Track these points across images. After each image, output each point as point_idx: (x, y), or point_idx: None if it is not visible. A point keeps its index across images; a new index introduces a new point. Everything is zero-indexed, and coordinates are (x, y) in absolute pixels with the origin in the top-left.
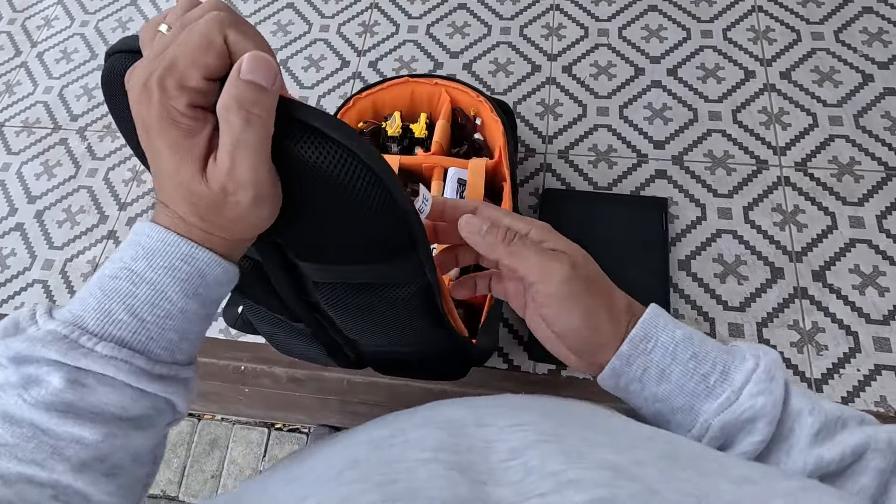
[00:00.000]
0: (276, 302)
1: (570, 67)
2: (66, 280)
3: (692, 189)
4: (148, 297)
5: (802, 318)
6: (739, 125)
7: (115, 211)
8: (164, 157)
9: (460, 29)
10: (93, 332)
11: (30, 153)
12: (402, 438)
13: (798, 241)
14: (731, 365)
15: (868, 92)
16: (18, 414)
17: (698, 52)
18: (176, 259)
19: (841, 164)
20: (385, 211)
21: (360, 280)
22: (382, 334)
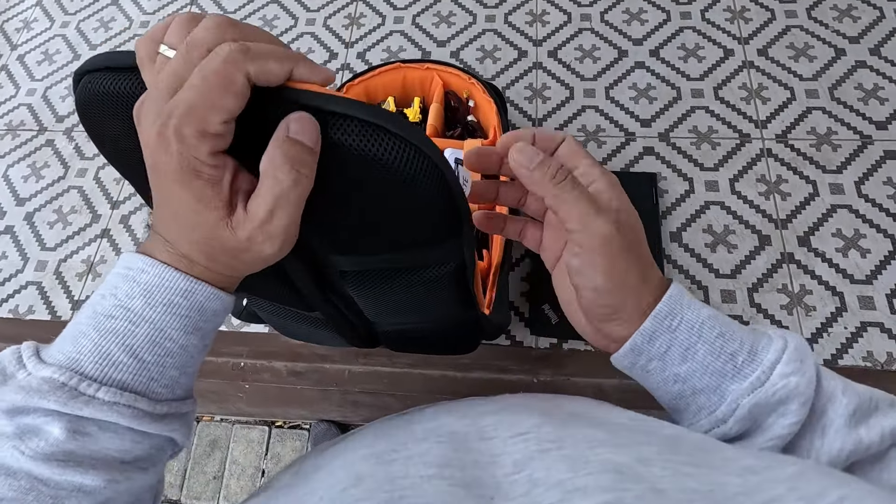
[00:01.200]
0: (291, 296)
1: (556, 52)
2: (62, 280)
3: (679, 164)
4: (148, 336)
5: (790, 281)
6: (721, 101)
7: (108, 210)
8: (183, 203)
9: (446, 18)
10: (92, 378)
11: (15, 156)
12: (405, 453)
13: (783, 209)
14: (758, 344)
15: (841, 65)
16: (15, 466)
17: (678, 32)
18: (175, 295)
19: (819, 135)
20: (438, 196)
21: (397, 265)
22: (407, 313)
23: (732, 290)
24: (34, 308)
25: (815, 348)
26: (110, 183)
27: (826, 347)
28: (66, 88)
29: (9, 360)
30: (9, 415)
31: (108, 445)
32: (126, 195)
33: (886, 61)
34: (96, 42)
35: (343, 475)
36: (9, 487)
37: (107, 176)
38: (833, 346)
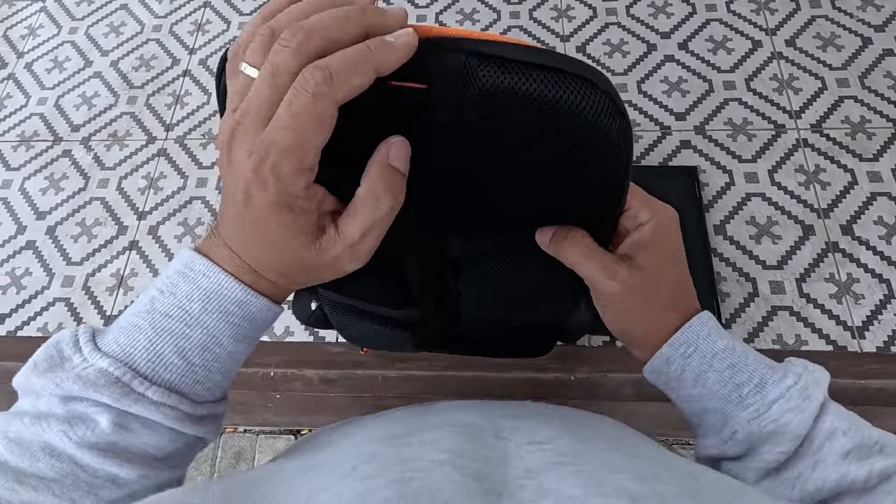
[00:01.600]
0: (382, 294)
1: (584, 47)
2: (91, 296)
3: (717, 156)
4: (200, 341)
5: (837, 270)
6: (754, 93)
7: (134, 221)
8: (274, 232)
9: (469, 16)
10: (144, 375)
11: (31, 167)
12: (419, 437)
13: (823, 198)
14: (769, 379)
15: (869, 54)
16: (60, 448)
17: (705, 25)
18: (231, 304)
19: (853, 123)
20: (623, 147)
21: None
22: (513, 307)
23: (780, 280)
24: (64, 325)
25: (867, 336)
26: (135, 193)
27: (878, 335)
28: (79, 97)
29: (66, 343)
30: (63, 400)
31: (147, 441)
32: (153, 205)
33: None
34: (107, 48)
35: (355, 452)
36: (51, 468)
37: (130, 186)
38: (884, 334)
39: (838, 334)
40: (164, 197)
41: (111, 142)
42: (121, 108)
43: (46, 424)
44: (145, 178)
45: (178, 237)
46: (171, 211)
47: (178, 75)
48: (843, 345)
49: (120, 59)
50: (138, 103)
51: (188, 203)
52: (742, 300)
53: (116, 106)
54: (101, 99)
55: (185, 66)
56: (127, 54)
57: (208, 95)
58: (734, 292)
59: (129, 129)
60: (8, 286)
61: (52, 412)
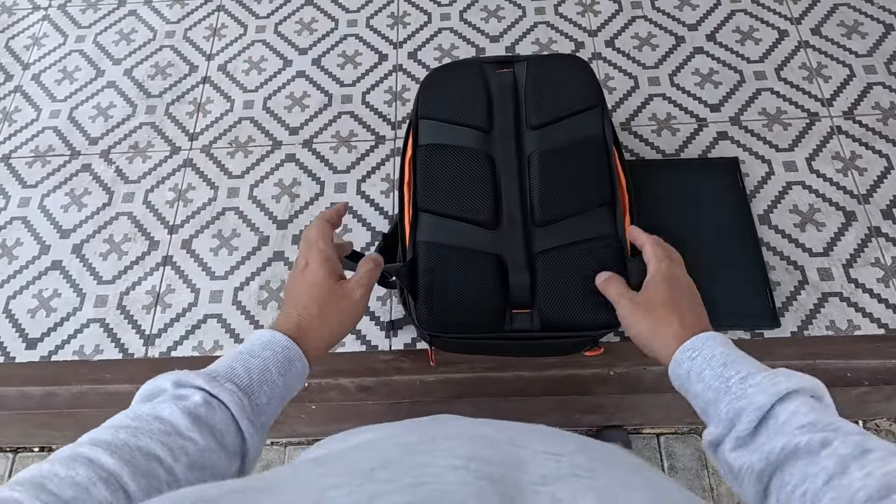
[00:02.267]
0: (484, 203)
1: (613, 41)
2: (128, 315)
3: (755, 147)
4: (258, 366)
5: (882, 254)
6: (784, 82)
7: (165, 235)
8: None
9: (494, 13)
10: (224, 376)
11: (49, 184)
12: (433, 446)
13: (861, 184)
14: (753, 374)
15: (892, 41)
16: (166, 416)
17: (731, 16)
18: (279, 347)
19: (883, 109)
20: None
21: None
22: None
23: (828, 267)
24: (101, 347)
25: None
26: (163, 206)
27: None
28: (94, 108)
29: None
30: (176, 384)
31: (218, 420)
32: (183, 218)
33: None
34: (119, 56)
35: (372, 456)
36: (158, 430)
37: (158, 198)
38: None
39: (889, 317)
40: (195, 209)
41: (133, 154)
42: (140, 119)
43: (163, 403)
44: (173, 191)
45: (213, 250)
46: (203, 223)
47: (198, 82)
48: (894, 327)
49: (134, 68)
50: (158, 112)
51: (221, 214)
52: (793, 288)
53: (135, 116)
54: (118, 109)
55: (203, 72)
56: (141, 62)
57: (231, 102)
58: (784, 281)
59: (150, 140)
60: (36, 309)
61: (166, 395)
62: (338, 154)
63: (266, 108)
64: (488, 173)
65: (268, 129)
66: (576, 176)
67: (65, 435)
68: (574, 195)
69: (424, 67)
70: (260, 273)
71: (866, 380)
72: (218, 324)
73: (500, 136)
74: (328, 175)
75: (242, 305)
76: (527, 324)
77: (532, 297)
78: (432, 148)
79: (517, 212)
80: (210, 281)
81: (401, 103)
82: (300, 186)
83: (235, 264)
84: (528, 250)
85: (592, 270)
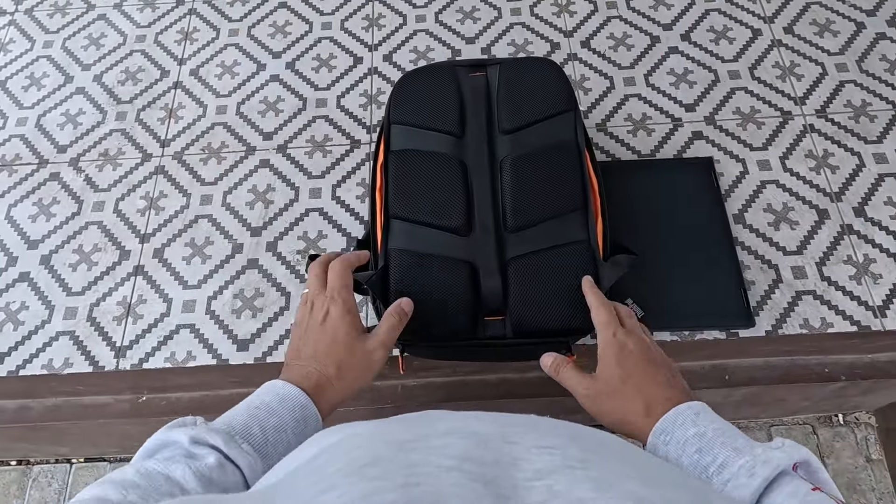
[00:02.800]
0: (456, 204)
1: (588, 42)
2: (98, 327)
3: (729, 146)
4: (275, 425)
5: (854, 252)
6: (758, 81)
7: (136, 244)
8: (340, 329)
9: (470, 14)
10: (240, 435)
11: (17, 193)
12: (426, 444)
13: (834, 182)
14: (728, 461)
15: (863, 39)
16: (178, 477)
17: (705, 15)
18: (296, 405)
19: (855, 107)
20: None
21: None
22: (552, 305)
23: (802, 265)
24: (71, 360)
25: (888, 314)
26: (134, 215)
27: None
28: (62, 115)
29: (189, 420)
30: (191, 441)
31: (230, 483)
32: (155, 226)
33: None
34: (88, 61)
35: (361, 453)
36: (168, 493)
37: (129, 207)
38: None
39: (861, 314)
40: (167, 217)
41: (103, 161)
42: (109, 126)
43: (175, 463)
44: (144, 199)
45: (186, 259)
46: (175, 231)
47: (169, 87)
48: (866, 324)
49: (104, 73)
50: (128, 119)
51: (193, 222)
52: (767, 287)
53: (105, 123)
54: (87, 116)
55: (175, 77)
56: (111, 67)
57: (203, 107)
58: (759, 280)
59: (121, 147)
60: (3, 323)
61: (180, 454)
62: (312, 159)
63: (239, 113)
64: (460, 179)
65: (241, 135)
66: (548, 181)
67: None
68: (546, 200)
69: (400, 70)
70: (234, 281)
71: (843, 374)
72: (191, 334)
73: (472, 140)
74: (303, 180)
75: (216, 315)
76: (499, 330)
77: (504, 304)
78: (404, 153)
79: (489, 218)
80: (183, 290)
81: (376, 107)
82: (274, 192)
83: (209, 273)
84: (500, 256)
85: (564, 276)
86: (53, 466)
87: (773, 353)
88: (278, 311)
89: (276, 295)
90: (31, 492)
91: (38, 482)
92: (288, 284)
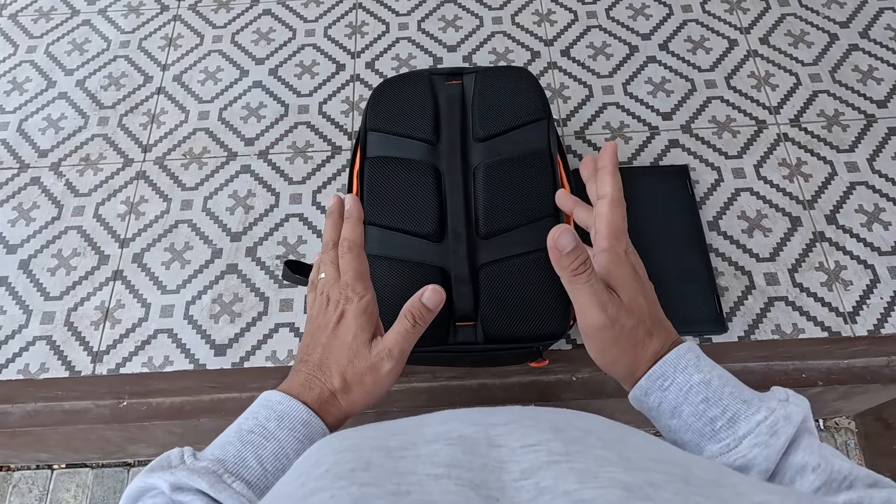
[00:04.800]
0: (428, 211)
1: (568, 51)
2: (75, 332)
3: (705, 154)
4: (273, 451)
5: (825, 259)
6: (734, 90)
7: (116, 249)
8: (351, 330)
9: (452, 22)
10: (231, 472)
11: None
12: (414, 451)
13: (807, 190)
14: (741, 414)
15: (836, 50)
16: None
17: (682, 26)
18: (297, 423)
19: (828, 117)
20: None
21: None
22: (522, 310)
23: (774, 272)
24: (47, 365)
25: (858, 321)
26: (114, 220)
27: (868, 319)
28: (44, 120)
29: (174, 456)
30: (172, 488)
31: None
32: (135, 231)
33: (875, 43)
34: (71, 66)
35: (352, 457)
36: None
37: (109, 212)
38: (874, 317)
39: (832, 320)
40: (147, 222)
41: (84, 166)
42: (91, 130)
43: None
44: (125, 204)
45: (165, 264)
46: (155, 236)
47: (152, 93)
48: (836, 330)
49: (86, 79)
50: (110, 124)
51: (174, 227)
52: (740, 293)
53: (87, 128)
54: (69, 121)
55: (158, 83)
56: (94, 73)
57: (186, 113)
58: (732, 286)
59: (102, 152)
60: None
61: (160, 496)
62: (293, 165)
63: (221, 119)
64: (433, 186)
65: (223, 140)
66: (520, 188)
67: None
68: (518, 208)
69: (382, 77)
70: (213, 286)
71: (820, 380)
72: (169, 339)
73: (446, 148)
74: (283, 186)
75: (194, 320)
76: (470, 336)
77: (475, 310)
78: (379, 160)
79: (461, 224)
80: (161, 295)
81: (358, 113)
82: (255, 198)
83: (187, 277)
84: (471, 262)
85: (536, 281)
86: (34, 472)
87: (748, 359)
88: (256, 315)
89: (255, 300)
90: (10, 498)
91: (18, 488)
92: (267, 290)
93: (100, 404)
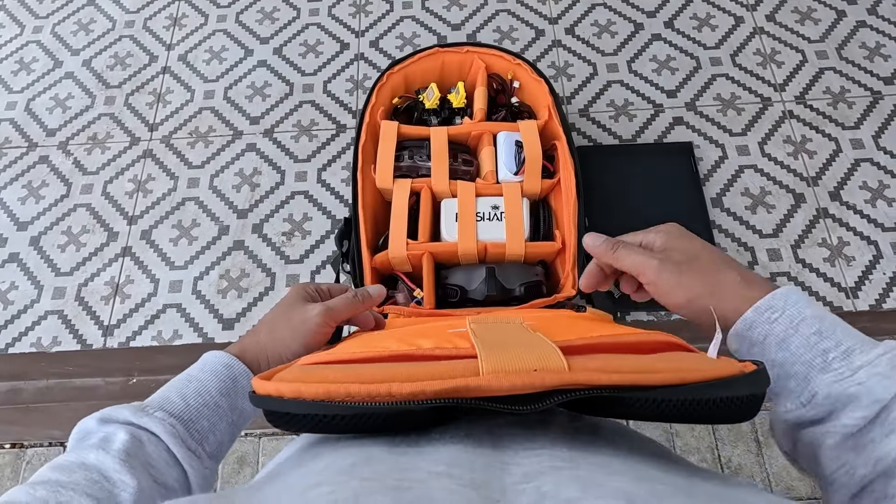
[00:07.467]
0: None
1: (573, 29)
2: (86, 306)
3: (709, 131)
4: (195, 389)
5: (828, 235)
6: (739, 68)
7: (125, 226)
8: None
9: (456, 1)
10: (154, 406)
11: (6, 176)
12: (416, 448)
13: (811, 167)
14: (857, 348)
15: (843, 27)
16: (91, 461)
17: (689, 3)
18: (219, 366)
19: (834, 94)
20: None
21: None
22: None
23: (777, 248)
24: (59, 339)
25: (860, 296)
26: (122, 197)
27: (870, 294)
28: (51, 99)
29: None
30: (101, 421)
31: (151, 454)
32: (143, 208)
33: (883, 20)
34: (78, 46)
35: (351, 452)
36: (85, 479)
37: (117, 189)
38: (876, 292)
39: (834, 296)
40: (155, 200)
41: (91, 145)
42: (98, 110)
43: (87, 450)
44: (132, 181)
45: (173, 240)
46: (163, 214)
47: (158, 72)
48: (838, 305)
49: (93, 58)
50: (117, 103)
51: (181, 204)
52: None
53: (93, 107)
54: (76, 101)
55: (164, 62)
56: (100, 52)
57: (191, 92)
58: None
59: (109, 131)
60: None
61: (91, 441)
62: (298, 143)
63: (227, 98)
64: None
65: (228, 119)
66: None
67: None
68: None
69: (386, 56)
70: (220, 262)
71: None
72: (178, 313)
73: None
74: (289, 164)
75: (202, 295)
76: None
77: None
78: None
79: None
80: (169, 271)
81: (362, 92)
82: (261, 176)
83: (195, 254)
84: None
85: None
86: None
87: None
88: (263, 290)
89: (262, 275)
90: (24, 474)
91: (31, 465)
92: (273, 265)
93: (110, 381)
